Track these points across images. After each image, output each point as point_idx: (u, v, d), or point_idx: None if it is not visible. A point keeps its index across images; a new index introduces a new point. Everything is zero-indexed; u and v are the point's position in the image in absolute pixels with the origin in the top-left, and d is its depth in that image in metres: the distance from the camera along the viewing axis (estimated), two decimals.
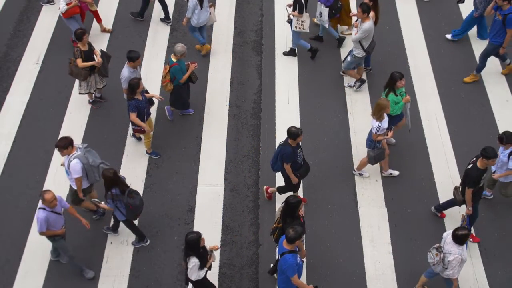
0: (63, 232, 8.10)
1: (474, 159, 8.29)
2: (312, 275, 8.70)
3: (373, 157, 9.29)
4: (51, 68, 11.81)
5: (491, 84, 11.41)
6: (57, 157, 10.17)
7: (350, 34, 12.11)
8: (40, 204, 7.81)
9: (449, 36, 12.25)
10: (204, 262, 7.42)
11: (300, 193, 9.66)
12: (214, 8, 11.88)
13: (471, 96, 11.22)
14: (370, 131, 9.17)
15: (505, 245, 9.02)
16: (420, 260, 8.86)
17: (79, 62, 10.12)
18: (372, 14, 10.46)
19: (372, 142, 9.17)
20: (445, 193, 9.63)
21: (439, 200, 9.56)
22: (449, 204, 9.12)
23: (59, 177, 9.85)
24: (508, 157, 8.52)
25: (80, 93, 10.60)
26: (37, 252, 8.96)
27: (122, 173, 9.98)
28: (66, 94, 11.29)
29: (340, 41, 12.16)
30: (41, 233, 7.92)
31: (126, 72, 9.62)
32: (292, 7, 11.20)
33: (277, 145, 10.35)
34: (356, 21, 10.40)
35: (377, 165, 10.03)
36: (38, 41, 12.37)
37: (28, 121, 10.83)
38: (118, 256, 8.93)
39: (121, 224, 9.25)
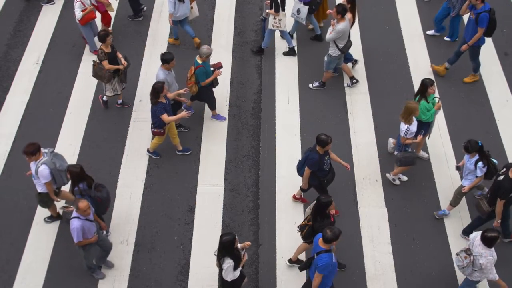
0: (96, 240, 8.01)
1: (505, 169, 8.18)
2: None
3: (399, 159, 9.16)
4: (51, 68, 11.81)
5: (491, 84, 11.41)
6: None
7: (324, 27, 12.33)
8: (73, 213, 7.69)
9: (447, 39, 12.26)
10: (238, 262, 7.41)
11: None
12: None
13: (471, 96, 11.22)
14: (399, 135, 9.10)
15: (505, 245, 9.02)
16: (420, 260, 8.87)
17: (106, 64, 10.05)
18: (350, 16, 10.48)
19: (400, 146, 9.10)
20: (444, 193, 9.63)
21: (439, 200, 9.56)
22: (475, 224, 8.83)
23: None
24: (475, 165, 8.48)
25: (108, 96, 10.57)
26: (37, 252, 8.96)
27: (122, 173, 10.00)
28: (66, 94, 11.30)
29: (319, 37, 12.28)
30: (78, 243, 7.81)
31: (161, 74, 9.53)
32: (269, 5, 11.26)
33: (277, 145, 10.38)
34: (333, 20, 10.38)
35: (377, 165, 10.04)
36: (38, 41, 12.38)
37: (28, 121, 10.83)
38: (118, 256, 8.93)
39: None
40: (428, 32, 12.34)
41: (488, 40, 12.25)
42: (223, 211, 9.50)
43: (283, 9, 11.25)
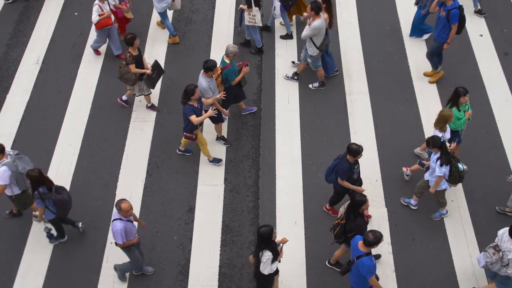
0: (137, 241, 7.95)
1: None
2: (312, 275, 8.70)
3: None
4: (51, 68, 11.82)
5: (491, 84, 11.41)
6: (57, 158, 10.18)
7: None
8: (115, 214, 7.61)
9: (426, 36, 12.25)
10: (276, 255, 7.38)
11: (299, 193, 9.67)
12: None
13: (471, 96, 11.13)
14: None
15: None
16: (420, 260, 8.87)
17: (132, 67, 10.02)
18: (326, 16, 10.48)
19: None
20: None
21: None
22: None
23: (60, 178, 9.85)
24: (436, 163, 8.45)
25: (136, 96, 10.59)
26: (37, 252, 8.96)
27: (122, 173, 10.00)
28: (66, 94, 11.30)
29: (289, 36, 12.39)
30: (121, 245, 7.73)
31: (204, 82, 9.38)
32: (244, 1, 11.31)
33: (277, 145, 10.38)
34: (309, 19, 10.36)
35: (377, 165, 10.04)
36: (38, 41, 12.38)
37: (28, 121, 10.83)
38: (118, 256, 8.92)
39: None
40: (424, 37, 12.31)
41: (488, 40, 12.26)
42: (223, 211, 9.50)
43: (256, 5, 11.25)
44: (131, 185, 9.82)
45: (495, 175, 9.86)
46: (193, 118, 9.08)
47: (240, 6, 11.41)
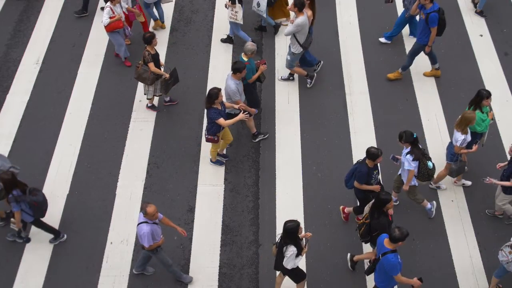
0: (163, 242, 7.95)
1: None
2: (312, 275, 8.70)
3: (456, 170, 9.05)
4: (51, 68, 11.82)
5: (491, 84, 11.40)
6: (57, 158, 10.18)
7: (287, 25, 12.40)
8: (141, 218, 7.59)
9: (382, 40, 12.25)
10: (300, 250, 7.39)
11: (299, 192, 9.67)
12: None
13: (471, 96, 11.16)
14: (451, 145, 9.01)
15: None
16: (420, 260, 8.86)
17: (152, 66, 9.99)
18: (309, 13, 10.48)
19: (454, 155, 8.97)
20: (444, 193, 9.63)
21: (439, 200, 9.55)
22: None
23: (60, 178, 9.86)
24: (405, 157, 8.43)
25: (147, 98, 10.58)
26: (37, 252, 8.96)
27: (122, 173, 9.99)
28: (66, 94, 11.30)
29: (276, 28, 12.41)
30: (148, 248, 7.71)
31: (233, 85, 9.27)
32: None
33: (277, 145, 10.38)
34: (292, 18, 10.31)
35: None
36: (38, 41, 12.38)
37: (28, 121, 10.83)
38: (118, 256, 8.93)
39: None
40: (381, 40, 12.31)
41: (488, 40, 12.27)
42: (223, 211, 9.50)
43: (239, 2, 11.25)
44: (131, 185, 9.83)
45: (495, 175, 9.84)
46: (222, 121, 8.97)
47: (225, 3, 11.47)
